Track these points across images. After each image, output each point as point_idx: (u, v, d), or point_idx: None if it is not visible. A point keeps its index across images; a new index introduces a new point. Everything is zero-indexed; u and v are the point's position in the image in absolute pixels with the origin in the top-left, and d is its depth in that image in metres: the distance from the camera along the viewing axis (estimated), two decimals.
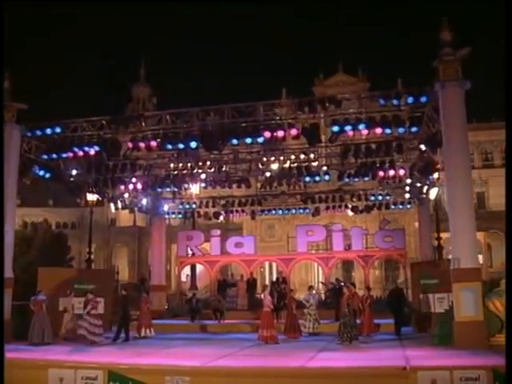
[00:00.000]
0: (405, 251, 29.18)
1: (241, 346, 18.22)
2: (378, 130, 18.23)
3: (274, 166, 22.64)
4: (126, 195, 27.06)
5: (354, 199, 29.51)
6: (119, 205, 27.53)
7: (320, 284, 33.29)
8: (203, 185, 25.74)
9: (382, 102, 17.98)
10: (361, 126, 18.10)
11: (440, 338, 16.90)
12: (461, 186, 16.61)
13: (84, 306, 19.55)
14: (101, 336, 19.11)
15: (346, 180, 24.91)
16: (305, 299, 21.94)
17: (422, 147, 20.12)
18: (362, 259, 29.99)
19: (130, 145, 19.94)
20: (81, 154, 20.51)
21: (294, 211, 31.69)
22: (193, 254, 32.10)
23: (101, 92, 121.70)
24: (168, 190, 26.67)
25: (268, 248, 50.93)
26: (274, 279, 31.83)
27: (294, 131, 18.43)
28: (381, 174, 23.79)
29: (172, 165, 23.36)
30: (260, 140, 19.09)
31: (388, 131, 18.22)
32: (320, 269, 54.20)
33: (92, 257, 73.90)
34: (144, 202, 28.98)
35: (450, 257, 17.95)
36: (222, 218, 32.37)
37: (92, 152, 20.45)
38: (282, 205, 31.15)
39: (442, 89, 16.98)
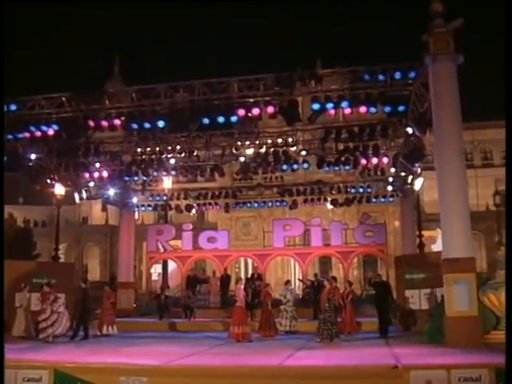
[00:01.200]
0: (386, 247, 27.73)
1: (210, 344, 16.56)
2: (362, 109, 16.71)
3: (249, 151, 20.98)
4: (92, 184, 25.11)
5: (334, 192, 27.98)
6: (84, 195, 25.57)
7: (298, 281, 31.69)
8: (173, 172, 23.92)
9: (366, 77, 16.44)
10: (344, 104, 16.58)
11: (430, 335, 15.40)
12: (453, 168, 15.12)
13: (42, 300, 17.64)
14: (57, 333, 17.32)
15: (326, 169, 23.34)
16: (281, 294, 20.34)
17: (409, 130, 18.64)
18: (342, 255, 28.48)
19: (92, 123, 18.13)
20: (38, 134, 18.67)
21: (270, 204, 30.03)
22: (165, 251, 30.33)
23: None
24: (136, 178, 24.75)
25: (243, 246, 48.91)
26: (249, 275, 30.09)
27: (270, 109, 16.83)
28: (363, 162, 22.33)
29: (139, 149, 21.51)
30: (233, 119, 17.46)
31: (373, 110, 16.69)
32: (298, 266, 53.37)
33: (62, 256, 72.07)
34: (111, 192, 27.03)
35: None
36: (194, 211, 30.62)
37: (51, 132, 18.66)
38: (257, 198, 29.49)
39: (432, 63, 15.50)
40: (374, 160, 22.25)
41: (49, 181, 23.36)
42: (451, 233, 14.96)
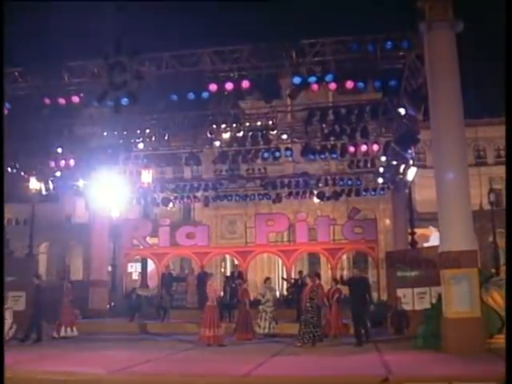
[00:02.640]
0: (376, 244, 25.84)
1: (177, 348, 14.61)
2: (349, 84, 14.79)
3: (226, 135, 19.02)
4: (59, 174, 23.07)
5: (321, 184, 26.09)
6: (50, 186, 23.52)
7: (282, 280, 29.77)
8: (145, 161, 21.92)
9: (354, 48, 14.54)
10: (328, 78, 14.67)
11: (424, 340, 13.51)
12: (452, 147, 13.28)
13: None
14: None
15: (311, 157, 21.44)
16: (260, 293, 18.45)
17: (402, 111, 16.75)
18: (329, 252, 26.59)
19: (47, 101, 16.15)
20: None
21: (253, 197, 28.07)
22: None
23: None
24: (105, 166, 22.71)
25: (229, 244, 47.09)
26: (229, 273, 28.12)
27: (245, 83, 14.92)
28: (351, 149, 20.48)
29: (105, 133, 19.48)
30: (205, 95, 15.51)
31: (361, 85, 14.77)
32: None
33: (44, 255, 69.66)
34: (81, 183, 24.98)
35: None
36: (171, 205, 28.60)
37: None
38: (239, 191, 27.53)
39: (428, 31, 13.69)
40: (364, 147, 20.43)
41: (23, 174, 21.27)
42: (449, 222, 13.13)
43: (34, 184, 25.49)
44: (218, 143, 19.03)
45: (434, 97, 13.66)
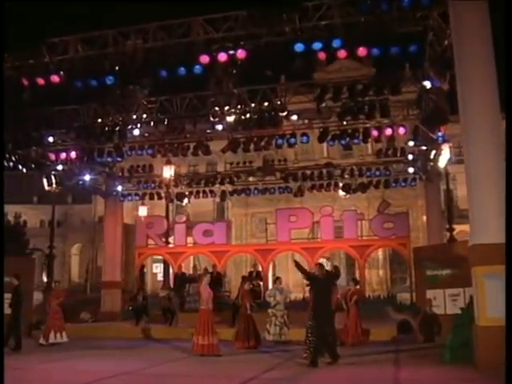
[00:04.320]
0: (408, 240, 23.42)
1: (164, 358, 12.72)
2: (362, 51, 12.62)
3: (230, 119, 17.00)
4: (60, 167, 21.52)
5: (346, 176, 23.83)
6: (53, 180, 21.96)
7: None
8: (150, 151, 20.09)
9: (365, 8, 12.33)
10: (336, 43, 12.52)
11: (452, 352, 11.22)
12: (484, 125, 10.93)
13: None
14: None
15: (330, 143, 19.26)
16: (269, 295, 16.37)
17: (427, 84, 14.43)
18: (356, 250, 24.33)
19: (25, 82, 14.49)
20: None
21: (273, 191, 25.96)
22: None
23: None
24: (110, 160, 21.04)
25: (267, 245, 44.99)
26: (247, 273, 26.04)
27: (241, 53, 12.91)
28: (374, 133, 18.23)
29: (100, 120, 17.70)
30: (198, 69, 13.58)
31: (376, 51, 12.56)
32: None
33: (76, 256, 69.10)
34: (87, 177, 23.40)
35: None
36: (186, 200, 26.78)
37: None
38: (258, 184, 25.50)
39: None
40: (388, 131, 18.16)
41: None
42: (481, 210, 10.82)
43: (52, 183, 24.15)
44: (220, 126, 17.01)
45: (461, 63, 11.35)
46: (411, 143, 18.81)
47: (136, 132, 17.42)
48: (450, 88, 12.96)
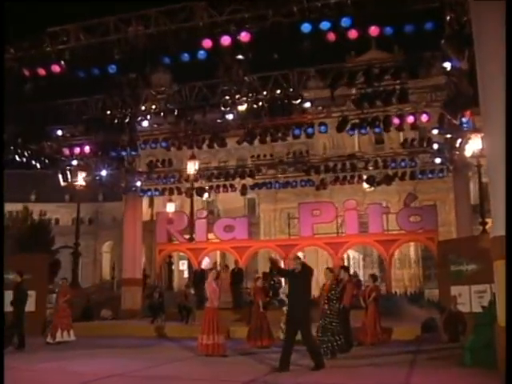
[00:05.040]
0: (436, 234, 22.33)
1: (168, 358, 12.12)
2: (374, 30, 11.75)
3: (242, 108, 16.27)
4: (75, 162, 21.13)
5: (370, 167, 22.86)
6: (68, 176, 21.58)
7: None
8: (164, 144, 19.52)
9: None
10: (345, 22, 11.67)
11: (473, 355, 10.26)
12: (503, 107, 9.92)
13: None
14: None
15: (350, 132, 18.38)
16: (283, 292, 15.61)
17: (447, 66, 13.44)
18: (382, 245, 23.37)
19: (27, 72, 14.04)
20: None
21: (294, 184, 25.14)
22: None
23: None
24: (124, 153, 20.55)
25: (290, 241, 44.29)
26: (269, 269, 25.26)
27: (245, 36, 12.17)
28: (396, 121, 17.29)
29: (109, 112, 17.18)
30: (202, 55, 12.91)
31: (389, 31, 11.67)
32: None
33: (107, 254, 69.27)
34: (104, 173, 22.99)
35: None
36: (206, 195, 26.19)
37: None
38: (280, 177, 24.72)
39: None
40: (411, 118, 17.21)
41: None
42: (503, 200, 9.85)
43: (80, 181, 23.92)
44: (231, 116, 16.27)
45: (480, 41, 10.36)
46: (435, 131, 17.78)
47: (145, 123, 16.84)
48: (469, 68, 11.96)
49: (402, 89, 14.69)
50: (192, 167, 25.88)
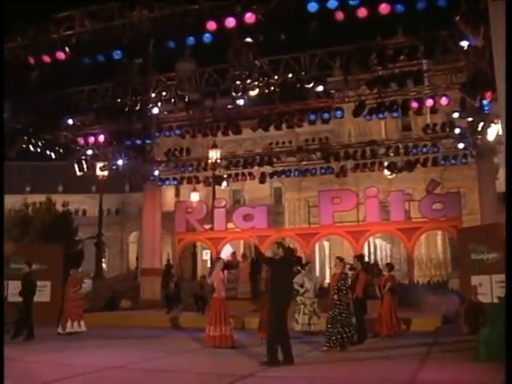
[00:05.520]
0: (460, 221, 21.63)
1: (173, 350, 11.86)
2: (384, 8, 11.18)
3: (253, 93, 15.81)
4: (90, 152, 20.96)
5: (391, 153, 22.20)
6: (84, 165, 21.42)
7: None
8: (177, 132, 19.20)
9: None
10: (353, 0, 11.11)
11: (488, 349, 9.71)
12: None
13: None
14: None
15: (367, 117, 17.79)
16: (297, 282, 15.16)
17: (464, 44, 12.77)
18: (404, 233, 22.76)
19: (32, 60, 13.82)
20: None
21: (314, 172, 24.60)
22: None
23: None
24: (138, 142, 20.30)
25: (310, 229, 43.80)
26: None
27: (250, 17, 11.71)
28: (414, 105, 16.67)
29: (119, 100, 16.90)
30: (207, 38, 12.51)
31: (400, 8, 11.09)
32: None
33: (134, 244, 69.54)
34: (120, 162, 22.81)
35: None
36: (225, 183, 25.84)
37: None
38: (299, 165, 24.21)
39: None
40: (430, 102, 16.57)
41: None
42: None
43: (100, 172, 23.90)
44: (242, 101, 15.82)
45: (496, 16, 9.72)
46: (456, 115, 17.10)
47: (155, 110, 16.52)
48: (485, 47, 11.32)
49: (418, 70, 14.07)
50: (214, 156, 25.60)
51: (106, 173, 24.09)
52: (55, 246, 21.11)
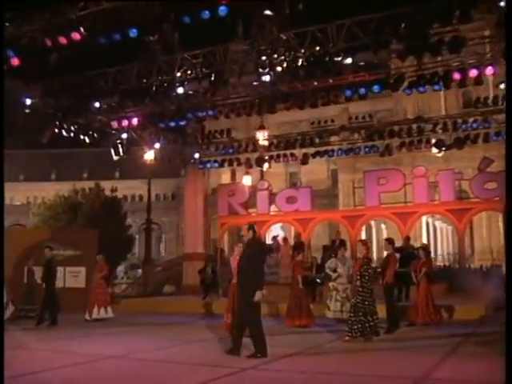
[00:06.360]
0: None
1: (188, 339, 11.42)
2: None
3: (279, 69, 14.98)
4: (125, 135, 20.70)
5: (439, 130, 20.90)
6: (120, 149, 21.16)
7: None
8: (211, 113, 18.61)
9: None
10: None
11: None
12: None
13: None
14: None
15: (407, 91, 16.67)
16: (328, 267, 14.39)
17: (502, 3, 11.52)
18: (454, 214, 21.44)
19: (49, 42, 13.53)
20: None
21: (358, 151, 23.54)
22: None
23: None
24: (172, 124, 19.83)
25: (355, 211, 42.45)
26: (330, 242, 23.93)
27: None
28: (456, 76, 15.44)
29: (145, 80, 16.42)
30: (222, 11, 11.82)
31: None
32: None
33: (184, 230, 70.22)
34: (157, 145, 22.52)
35: None
36: (266, 165, 25.12)
37: (15, 61, 14.34)
38: (342, 144, 23.24)
39: None
40: (473, 72, 15.30)
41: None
42: None
43: (148, 155, 23.85)
44: (267, 78, 15.00)
45: None
46: (502, 85, 15.74)
47: (180, 90, 15.95)
48: None
49: (454, 37, 12.88)
50: (261, 136, 25.00)
51: (152, 156, 23.91)
52: (90, 231, 21.09)
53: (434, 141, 21.47)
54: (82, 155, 67.00)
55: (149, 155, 23.82)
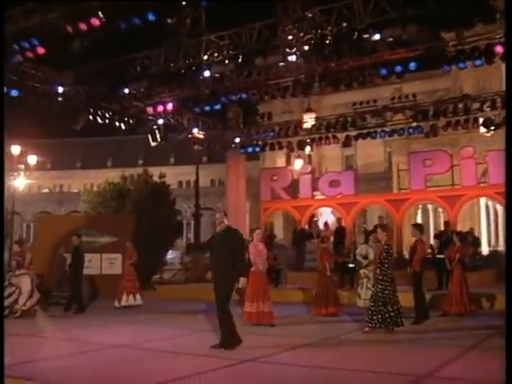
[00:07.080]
0: None
1: (202, 328, 11.05)
2: None
3: (306, 48, 14.37)
4: (161, 121, 20.55)
5: (487, 108, 19.76)
6: (157, 135, 21.02)
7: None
8: (244, 95, 18.17)
9: None
10: None
11: None
12: None
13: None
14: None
15: (446, 68, 15.76)
16: (360, 254, 13.83)
17: None
18: (504, 196, 20.23)
19: (70, 29, 13.42)
20: (30, 54, 14.50)
21: (402, 132, 22.62)
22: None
23: None
24: (207, 108, 19.51)
25: (400, 195, 41.05)
26: (373, 227, 23.11)
27: None
28: (499, 50, 14.42)
29: (172, 64, 16.11)
30: None
31: None
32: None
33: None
34: (195, 131, 22.32)
35: None
36: (308, 148, 24.53)
37: (41, 51, 14.37)
38: (386, 125, 22.38)
39: None
40: None
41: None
42: None
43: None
44: (294, 58, 14.39)
45: None
46: None
47: (206, 73, 15.59)
48: None
49: (487, 6, 11.95)
50: (309, 119, 24.42)
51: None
52: (127, 217, 21.11)
53: (481, 120, 20.32)
54: (138, 142, 67.99)
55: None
